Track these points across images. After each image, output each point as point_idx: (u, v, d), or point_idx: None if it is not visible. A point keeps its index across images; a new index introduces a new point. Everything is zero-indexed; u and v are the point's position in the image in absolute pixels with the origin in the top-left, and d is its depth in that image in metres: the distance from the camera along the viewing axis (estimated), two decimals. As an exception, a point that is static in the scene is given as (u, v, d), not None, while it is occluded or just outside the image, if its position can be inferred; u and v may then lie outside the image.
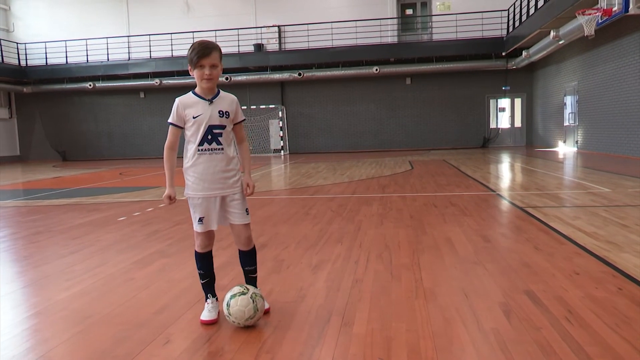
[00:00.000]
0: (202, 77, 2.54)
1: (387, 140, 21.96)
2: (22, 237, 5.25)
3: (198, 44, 2.54)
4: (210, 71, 2.53)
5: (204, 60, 2.51)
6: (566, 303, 2.73)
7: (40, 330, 2.66)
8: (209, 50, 2.52)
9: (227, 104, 2.64)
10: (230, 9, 22.24)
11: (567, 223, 4.87)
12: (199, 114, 2.56)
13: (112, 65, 21.98)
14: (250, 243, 2.76)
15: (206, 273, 2.75)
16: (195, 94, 2.61)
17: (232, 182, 2.65)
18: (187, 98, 2.62)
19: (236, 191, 2.66)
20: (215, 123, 2.58)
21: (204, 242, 2.71)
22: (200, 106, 2.58)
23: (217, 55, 2.54)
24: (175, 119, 2.61)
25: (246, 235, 2.72)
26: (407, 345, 2.28)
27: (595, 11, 11.12)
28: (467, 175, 9.79)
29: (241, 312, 2.50)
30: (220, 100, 2.63)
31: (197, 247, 2.73)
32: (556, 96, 17.98)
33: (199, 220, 2.64)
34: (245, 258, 2.77)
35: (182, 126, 2.61)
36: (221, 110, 2.60)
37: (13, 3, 23.96)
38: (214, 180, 2.60)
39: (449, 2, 20.94)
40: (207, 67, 2.52)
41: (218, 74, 2.58)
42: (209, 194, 2.61)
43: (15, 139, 24.38)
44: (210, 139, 2.57)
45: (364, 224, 5.19)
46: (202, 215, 2.63)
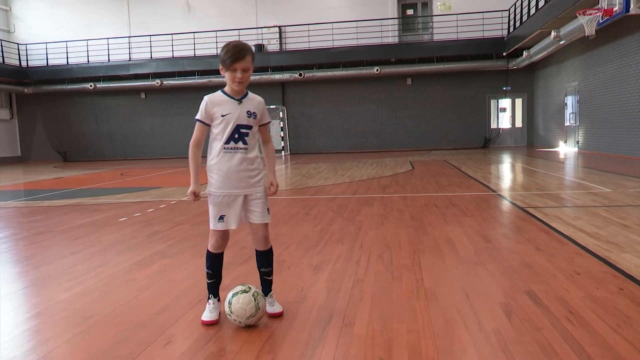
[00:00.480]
0: (234, 79, 2.56)
1: (388, 141, 21.96)
2: (23, 237, 5.26)
3: (233, 46, 2.54)
4: (242, 75, 2.55)
5: (237, 64, 2.53)
6: (567, 303, 2.73)
7: (41, 330, 2.66)
8: (243, 53, 2.53)
9: (255, 105, 2.67)
10: (230, 9, 22.25)
11: (568, 223, 4.86)
12: (227, 113, 2.59)
13: (113, 66, 22.00)
14: (268, 243, 2.76)
15: (214, 273, 2.75)
16: (225, 93, 2.64)
17: (255, 181, 2.67)
18: (216, 96, 2.64)
19: (259, 190, 2.68)
20: (243, 123, 2.61)
21: (219, 242, 2.71)
22: (230, 105, 2.61)
23: (250, 58, 2.56)
24: (203, 116, 2.62)
25: (264, 234, 2.73)
26: (408, 346, 2.28)
27: (596, 11, 11.11)
28: (468, 176, 9.79)
29: (242, 310, 2.50)
30: (249, 101, 2.66)
31: (211, 247, 2.72)
32: (557, 96, 17.97)
33: (219, 218, 2.63)
34: (262, 258, 2.77)
35: (209, 123, 2.62)
36: (249, 110, 2.63)
37: (14, 4, 23.99)
38: (238, 179, 2.61)
39: (449, 3, 20.94)
40: (239, 70, 2.54)
41: (249, 77, 2.60)
42: (233, 192, 2.62)
43: (16, 139, 24.41)
44: (237, 137, 2.60)
45: (365, 225, 5.19)
46: (223, 213, 2.63)
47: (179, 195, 8.35)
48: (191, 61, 21.24)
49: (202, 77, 21.21)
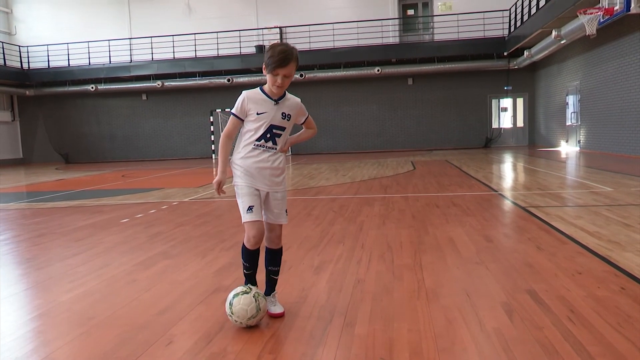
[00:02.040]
0: (274, 83, 2.57)
1: (389, 141, 21.96)
2: (25, 239, 5.27)
3: (279, 51, 2.53)
4: (282, 81, 2.56)
5: (279, 70, 2.53)
6: (568, 302, 2.73)
7: (43, 331, 2.67)
8: (287, 61, 2.53)
9: (291, 107, 2.69)
10: (231, 10, 22.27)
11: (569, 222, 4.86)
12: (264, 111, 2.61)
13: (114, 68, 22.03)
14: (280, 242, 2.80)
15: (251, 266, 2.75)
16: (263, 92, 2.65)
17: (279, 181, 2.71)
18: (254, 94, 2.65)
19: (280, 190, 2.72)
20: (277, 123, 2.64)
21: (256, 236, 2.64)
22: (267, 104, 2.63)
23: (294, 65, 2.57)
24: (238, 111, 2.65)
25: (278, 234, 2.78)
26: (409, 346, 2.28)
27: (597, 10, 11.11)
28: (470, 176, 9.78)
29: (243, 310, 2.51)
30: (286, 102, 2.68)
31: (247, 242, 2.67)
32: (558, 96, 17.95)
33: (248, 208, 2.62)
34: (272, 257, 2.79)
35: (243, 119, 2.65)
36: (284, 112, 2.66)
37: (15, 6, 24.04)
38: (262, 175, 2.65)
39: (450, 3, 20.94)
40: (280, 76, 2.55)
41: (289, 83, 2.62)
42: (258, 186, 2.65)
43: (18, 141, 24.45)
44: (268, 137, 2.63)
45: (366, 225, 5.19)
46: (251, 203, 2.63)
47: (181, 196, 8.36)
48: (192, 62, 21.26)
49: (203, 78, 21.23)
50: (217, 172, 2.68)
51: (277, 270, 2.82)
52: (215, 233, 5.11)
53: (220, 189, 2.68)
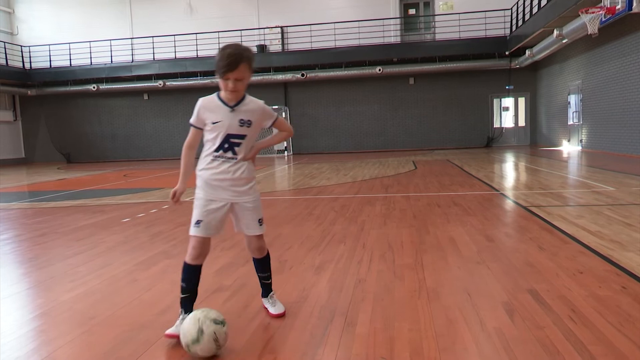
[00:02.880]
0: (226, 88, 2.42)
1: (391, 141, 21.95)
2: (27, 238, 5.28)
3: (227, 54, 2.35)
4: (234, 85, 2.39)
5: (230, 74, 2.37)
6: (570, 302, 2.73)
7: (45, 331, 2.67)
8: (236, 64, 2.36)
9: (251, 113, 2.49)
10: (233, 10, 22.28)
11: (571, 222, 4.85)
12: (218, 121, 2.44)
13: (115, 68, 22.05)
14: (263, 252, 2.70)
15: (188, 287, 2.52)
16: (219, 98, 2.48)
17: (243, 191, 2.53)
18: (209, 101, 2.49)
19: (248, 200, 2.54)
20: (234, 132, 2.45)
21: (197, 251, 2.50)
22: (221, 112, 2.45)
23: (245, 67, 2.39)
24: (195, 121, 2.50)
25: (257, 245, 2.65)
26: (410, 345, 2.28)
27: (599, 9, 11.08)
28: (471, 175, 9.77)
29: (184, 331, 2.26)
30: (245, 107, 2.48)
31: (188, 257, 2.51)
32: (560, 95, 17.93)
33: (196, 222, 2.49)
34: (258, 265, 2.75)
35: (202, 128, 2.51)
36: (242, 119, 2.46)
37: (17, 6, 24.07)
38: (222, 187, 2.49)
39: (451, 2, 20.92)
40: (231, 80, 2.38)
41: (244, 86, 2.44)
42: (218, 199, 2.50)
43: (20, 141, 24.49)
44: (226, 147, 2.46)
45: (367, 224, 5.19)
46: (200, 218, 2.49)
47: (182, 196, 8.35)
48: (193, 62, 21.27)
49: (204, 78, 21.24)
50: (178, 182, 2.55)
51: (267, 276, 2.76)
52: (216, 233, 5.10)
53: (175, 198, 2.55)
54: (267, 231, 5.02)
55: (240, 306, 2.90)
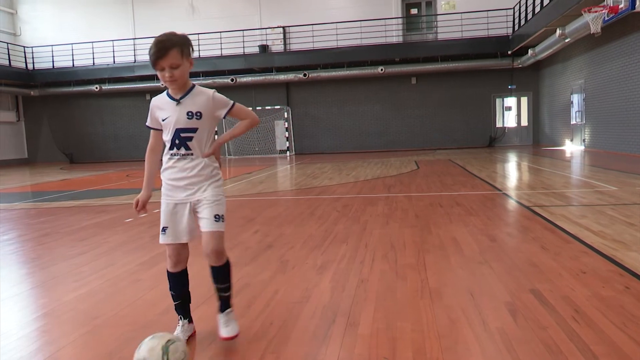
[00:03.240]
0: (164, 79, 2.28)
1: (393, 140, 21.93)
2: (30, 239, 5.29)
3: (154, 43, 2.23)
4: (171, 73, 2.24)
5: (161, 62, 2.22)
6: (573, 302, 2.72)
7: (48, 331, 2.68)
8: (164, 50, 2.20)
9: (199, 104, 2.32)
10: (235, 10, 22.29)
11: (573, 222, 4.84)
12: (167, 116, 2.32)
13: (118, 68, 22.08)
14: (220, 258, 2.37)
15: (178, 294, 2.46)
16: (167, 94, 2.36)
17: (203, 188, 2.36)
18: (159, 99, 2.38)
19: (207, 196, 2.35)
20: (182, 126, 2.31)
21: (173, 259, 2.41)
22: (169, 107, 2.33)
23: (176, 52, 2.22)
24: (149, 122, 2.42)
25: (213, 246, 2.32)
26: (413, 345, 2.27)
27: (602, 8, 11.05)
28: (473, 175, 9.76)
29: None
30: (192, 99, 2.33)
31: (167, 264, 2.45)
32: (563, 94, 17.89)
33: (162, 229, 2.39)
34: (214, 273, 2.41)
35: (159, 128, 2.39)
36: (190, 111, 2.31)
37: (20, 7, 24.13)
38: (181, 187, 2.36)
39: (453, 1, 20.89)
40: (166, 68, 2.23)
41: (183, 73, 2.27)
42: (179, 199, 2.37)
43: (23, 141, 24.56)
44: (178, 143, 2.32)
45: (370, 224, 5.19)
46: (165, 224, 2.38)
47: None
48: (196, 62, 20.69)
49: (206, 78, 21.25)
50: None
51: (226, 287, 2.43)
52: (218, 233, 5.10)
53: (139, 207, 2.44)
54: (270, 231, 5.05)
55: (243, 306, 2.90)
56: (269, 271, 3.59)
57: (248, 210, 6.55)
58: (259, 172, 12.82)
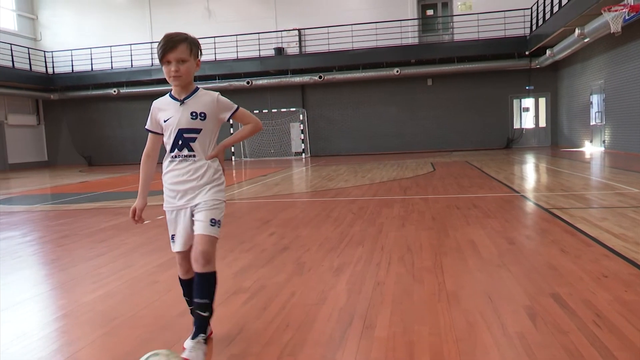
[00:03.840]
0: (169, 74, 2.24)
1: (409, 142, 21.82)
2: (50, 240, 5.37)
3: (164, 36, 2.23)
4: (177, 67, 2.22)
5: (169, 55, 2.21)
6: (594, 306, 2.67)
7: (67, 331, 2.71)
8: (174, 43, 2.20)
9: (203, 104, 2.30)
10: (250, 13, 22.41)
11: (594, 224, 4.76)
12: (169, 117, 2.29)
13: (135, 72, 22.35)
14: (207, 262, 2.25)
15: (192, 300, 2.40)
16: (170, 96, 2.34)
17: (206, 190, 2.32)
18: (161, 101, 2.37)
19: (206, 199, 2.30)
20: (185, 126, 2.28)
21: (183, 267, 2.39)
22: (172, 108, 2.30)
23: (185, 47, 2.22)
24: (149, 124, 2.38)
25: (202, 248, 2.25)
26: (430, 349, 2.25)
27: (622, 7, 10.88)
28: (491, 177, 9.66)
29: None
30: (196, 99, 2.31)
31: (179, 272, 2.43)
32: (582, 95, 17.63)
33: (171, 237, 2.37)
34: (197, 282, 2.28)
35: (158, 132, 2.37)
36: (194, 111, 2.28)
37: (40, 13, 24.57)
38: (184, 191, 2.31)
39: (470, 2, 20.74)
40: (173, 62, 2.21)
41: (189, 70, 2.25)
42: (180, 205, 2.33)
43: (43, 144, 24.97)
44: (180, 144, 2.29)
45: (386, 227, 5.16)
46: (173, 232, 2.36)
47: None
48: (212, 65, 21.43)
49: (222, 81, 21.38)
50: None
51: (203, 304, 2.25)
52: (234, 235, 5.13)
53: (135, 216, 2.39)
54: (286, 233, 5.05)
55: (259, 308, 2.90)
56: (285, 273, 3.59)
57: (264, 212, 6.56)
58: (274, 175, 12.85)
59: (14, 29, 23.32)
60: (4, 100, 22.41)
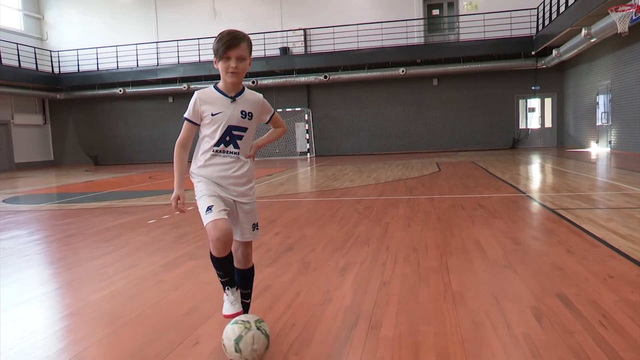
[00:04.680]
0: (227, 69, 2.28)
1: (414, 142, 21.80)
2: (56, 239, 5.40)
3: (226, 33, 2.29)
4: (236, 64, 2.28)
5: (231, 52, 2.26)
6: (600, 307, 2.66)
7: (73, 330, 2.72)
8: (237, 40, 2.27)
9: (252, 104, 2.39)
10: (256, 13, 22.45)
11: (600, 225, 4.74)
12: (218, 112, 2.31)
13: (141, 71, 22.43)
14: (249, 262, 2.49)
15: (226, 274, 2.40)
16: (218, 89, 2.35)
17: (245, 190, 2.38)
18: (207, 93, 2.35)
19: (248, 201, 2.39)
20: (235, 124, 2.33)
21: (221, 239, 2.22)
22: (222, 103, 2.33)
23: (245, 46, 2.30)
24: (191, 114, 2.34)
25: (244, 252, 2.47)
26: (436, 349, 2.25)
27: (629, 7, 10.82)
28: (496, 177, 9.64)
29: (261, 351, 2.17)
30: (245, 99, 2.37)
31: (213, 249, 2.28)
32: (588, 95, 17.55)
33: (207, 208, 2.25)
34: (240, 277, 2.48)
35: (198, 123, 2.36)
36: (244, 110, 2.35)
37: (47, 12, 24.69)
38: (224, 185, 2.35)
39: (476, 2, 20.68)
40: (233, 59, 2.27)
41: (245, 68, 2.32)
42: (220, 194, 2.34)
43: (49, 144, 25.11)
44: (228, 140, 2.33)
45: (391, 227, 5.16)
46: (211, 203, 2.27)
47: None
48: (217, 65, 21.48)
49: (228, 80, 21.42)
50: (174, 186, 2.38)
51: (248, 293, 2.54)
52: (240, 234, 5.13)
53: (178, 205, 2.34)
54: (291, 233, 5.06)
55: (264, 307, 2.91)
56: (290, 273, 3.60)
57: (269, 212, 6.57)
58: (279, 174, 12.87)
59: (20, 28, 23.46)
60: (11, 100, 22.55)
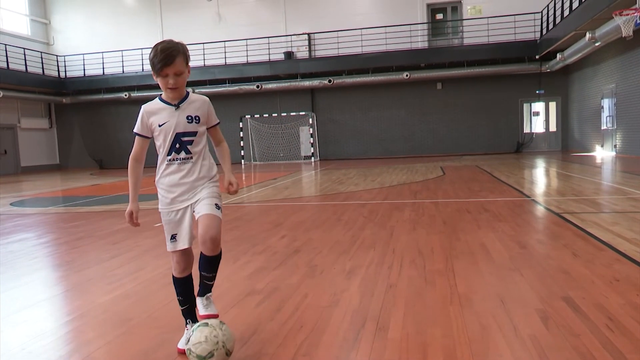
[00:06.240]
0: (166, 86, 2.30)
1: (418, 146, 21.81)
2: (64, 242, 5.44)
3: (160, 49, 2.25)
4: (175, 80, 2.28)
5: (167, 69, 2.26)
6: (606, 310, 2.67)
7: (83, 332, 2.76)
8: (171, 58, 2.24)
9: (197, 108, 2.38)
10: (260, 17, 22.54)
11: (606, 229, 4.75)
12: (164, 122, 2.33)
13: (146, 76, 22.51)
14: (217, 247, 2.35)
15: (186, 299, 2.49)
16: (162, 100, 2.38)
17: (204, 187, 2.40)
18: (152, 105, 2.39)
19: (205, 193, 2.38)
20: (182, 130, 2.34)
21: (181, 265, 2.43)
22: (166, 113, 2.35)
23: (181, 60, 2.27)
24: (139, 128, 2.38)
25: (212, 234, 2.30)
26: (443, 351, 2.27)
27: (633, 11, 10.83)
28: (501, 181, 9.64)
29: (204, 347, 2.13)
30: (189, 104, 2.37)
31: (174, 271, 2.45)
32: (593, 99, 17.53)
33: (171, 238, 2.40)
34: (205, 263, 2.39)
35: (148, 136, 2.39)
36: (190, 115, 2.36)
37: (53, 17, 24.88)
38: (183, 192, 2.37)
39: (480, 6, 20.71)
40: (171, 75, 2.27)
41: (185, 80, 2.33)
42: (179, 206, 2.38)
43: (55, 148, 25.25)
44: (178, 147, 2.35)
45: (397, 230, 5.18)
46: (174, 232, 2.38)
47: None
48: (222, 69, 21.58)
49: (232, 85, 21.52)
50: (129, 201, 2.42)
51: (211, 277, 2.44)
52: (246, 237, 5.17)
53: (132, 220, 2.41)
54: (297, 236, 5.08)
55: (272, 309, 2.93)
56: (297, 275, 3.62)
57: (275, 215, 6.60)
58: (284, 178, 12.90)
59: (27, 33, 23.64)
60: (17, 104, 22.70)
